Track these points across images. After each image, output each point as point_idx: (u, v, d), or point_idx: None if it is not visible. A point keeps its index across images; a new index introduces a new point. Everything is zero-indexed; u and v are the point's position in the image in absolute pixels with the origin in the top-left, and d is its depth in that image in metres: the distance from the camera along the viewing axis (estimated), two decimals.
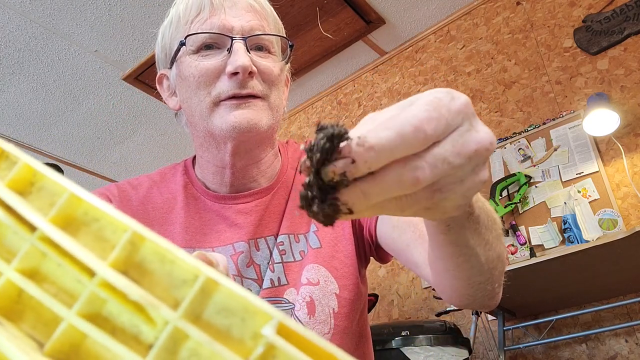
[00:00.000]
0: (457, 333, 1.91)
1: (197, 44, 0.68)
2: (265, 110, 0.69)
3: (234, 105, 0.67)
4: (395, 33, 2.99)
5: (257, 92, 0.68)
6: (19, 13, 2.66)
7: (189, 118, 0.73)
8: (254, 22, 0.69)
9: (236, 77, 0.66)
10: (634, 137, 2.11)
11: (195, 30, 0.68)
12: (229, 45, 0.67)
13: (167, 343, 0.15)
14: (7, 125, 3.44)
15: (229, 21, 0.68)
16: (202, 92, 0.68)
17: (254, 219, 0.73)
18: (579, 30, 2.38)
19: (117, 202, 0.74)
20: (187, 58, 0.69)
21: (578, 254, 1.61)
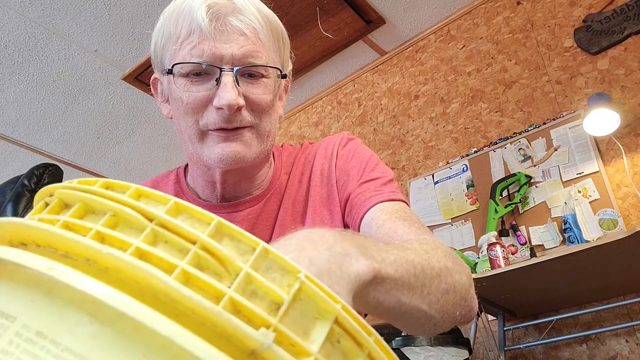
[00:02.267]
0: (457, 333, 1.91)
1: (186, 70, 0.66)
2: (254, 139, 0.69)
3: (221, 137, 0.66)
4: (395, 33, 2.99)
5: (245, 124, 0.67)
6: (19, 13, 2.66)
7: (179, 134, 0.73)
8: (246, 47, 0.66)
9: (222, 112, 0.65)
10: (634, 137, 2.11)
11: (185, 54, 0.66)
12: (218, 76, 0.65)
13: (241, 282, 0.19)
14: (7, 125, 3.44)
15: (218, 49, 0.64)
16: (190, 118, 0.67)
17: (245, 228, 0.72)
18: (580, 30, 2.38)
19: None
20: (176, 79, 0.67)
21: (578, 254, 1.60)
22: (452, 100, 2.75)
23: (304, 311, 0.19)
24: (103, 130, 3.57)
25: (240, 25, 0.66)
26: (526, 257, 2.09)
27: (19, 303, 0.18)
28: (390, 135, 2.95)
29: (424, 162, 2.74)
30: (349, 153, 0.77)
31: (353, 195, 0.71)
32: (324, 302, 0.19)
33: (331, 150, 0.78)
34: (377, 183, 0.72)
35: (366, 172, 0.74)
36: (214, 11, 0.64)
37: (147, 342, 0.16)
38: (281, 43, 0.73)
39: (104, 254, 0.19)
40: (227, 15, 0.65)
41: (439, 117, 2.77)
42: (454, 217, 2.49)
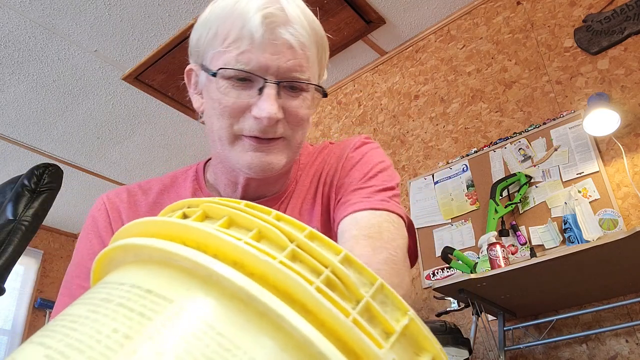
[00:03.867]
0: (458, 333, 1.91)
1: (230, 74, 0.65)
2: (285, 150, 0.69)
3: (253, 146, 0.66)
4: (395, 33, 2.99)
5: (279, 135, 0.67)
6: (19, 13, 2.66)
7: (209, 132, 0.72)
8: (292, 61, 0.65)
9: (260, 122, 0.65)
10: (634, 137, 2.11)
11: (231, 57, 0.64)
12: (261, 86, 0.65)
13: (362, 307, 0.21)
14: (6, 125, 3.44)
15: (266, 60, 0.64)
16: (225, 121, 0.67)
17: None
18: (580, 30, 2.38)
19: (125, 208, 0.75)
20: (217, 80, 0.66)
21: (578, 254, 1.60)
22: (452, 100, 2.75)
23: (408, 345, 0.21)
24: (103, 130, 3.57)
25: (290, 38, 0.65)
26: (526, 257, 2.09)
27: (176, 288, 0.21)
28: (390, 135, 2.95)
29: (424, 162, 2.74)
30: (358, 156, 0.76)
31: (343, 200, 0.71)
32: (426, 341, 0.22)
33: (344, 151, 0.78)
34: (371, 189, 0.70)
35: (366, 177, 0.73)
36: (269, 22, 0.64)
37: (286, 340, 0.19)
38: (323, 53, 0.73)
39: (255, 258, 0.21)
40: (279, 26, 0.64)
41: (439, 117, 2.77)
42: (454, 217, 2.49)
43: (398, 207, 0.70)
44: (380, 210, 0.67)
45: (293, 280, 0.20)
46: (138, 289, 0.21)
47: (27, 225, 1.40)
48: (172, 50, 2.91)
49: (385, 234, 0.64)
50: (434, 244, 2.50)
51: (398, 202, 0.71)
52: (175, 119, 3.50)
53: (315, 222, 0.73)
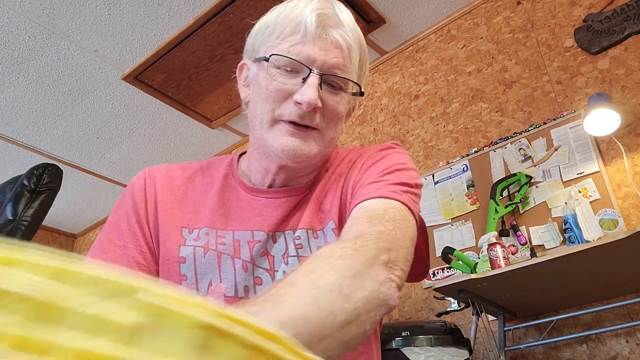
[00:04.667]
0: (458, 333, 1.90)
1: (280, 63, 0.72)
2: (318, 142, 0.74)
3: (289, 131, 0.72)
4: (395, 32, 2.98)
5: (314, 125, 0.73)
6: (19, 13, 2.66)
7: (252, 118, 0.78)
8: (337, 60, 0.72)
9: (300, 107, 0.71)
10: (634, 137, 2.11)
11: (283, 49, 0.72)
12: (306, 75, 0.71)
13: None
14: (6, 125, 3.44)
15: (314, 53, 0.71)
16: (268, 105, 0.73)
17: (280, 213, 0.77)
18: (580, 30, 2.38)
19: (162, 179, 0.82)
20: (267, 68, 0.73)
21: (579, 254, 1.60)
22: (453, 100, 2.75)
23: None
24: (103, 130, 3.57)
25: (338, 39, 0.73)
26: (526, 257, 2.09)
27: None
28: (390, 135, 2.95)
29: (424, 162, 2.74)
30: (380, 155, 0.80)
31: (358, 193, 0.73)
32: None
33: (369, 151, 0.82)
34: (385, 182, 0.72)
35: (383, 172, 0.74)
36: (322, 20, 0.72)
37: None
38: (365, 65, 0.81)
39: None
40: (331, 27, 0.73)
41: (439, 117, 2.77)
42: (454, 217, 2.49)
43: (410, 201, 0.70)
44: (390, 199, 0.68)
45: None
46: None
47: (26, 225, 1.39)
48: (172, 50, 2.91)
49: (388, 216, 0.65)
50: (434, 244, 2.50)
51: (414, 200, 0.72)
52: (175, 119, 3.50)
53: (333, 216, 0.75)
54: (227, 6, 2.64)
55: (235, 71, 0.83)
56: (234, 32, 2.77)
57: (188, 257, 0.73)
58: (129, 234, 0.76)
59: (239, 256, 0.73)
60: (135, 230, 0.76)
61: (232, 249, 0.73)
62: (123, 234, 0.76)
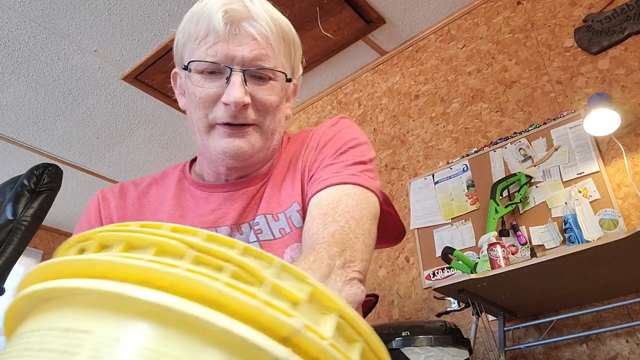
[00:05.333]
0: (458, 333, 1.90)
1: (201, 68, 0.72)
2: (257, 136, 0.74)
3: (226, 132, 0.72)
4: (395, 32, 2.98)
5: (249, 121, 0.72)
6: (19, 13, 2.66)
7: (190, 125, 0.78)
8: (257, 51, 0.71)
9: (229, 107, 0.70)
10: (634, 137, 2.11)
11: (201, 54, 0.71)
12: (228, 75, 0.71)
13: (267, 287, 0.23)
14: (6, 125, 3.44)
15: (230, 51, 0.70)
16: (200, 111, 0.73)
17: (240, 205, 0.76)
18: (580, 30, 2.38)
19: (116, 198, 0.82)
20: (192, 75, 0.73)
21: (579, 254, 1.60)
22: (453, 100, 2.75)
23: (314, 309, 0.23)
24: (103, 130, 3.57)
25: (252, 31, 0.71)
26: (526, 257, 2.09)
27: (93, 320, 0.21)
28: (390, 135, 2.95)
29: (424, 162, 2.74)
30: (332, 133, 0.79)
31: (315, 176, 0.74)
32: (330, 301, 0.23)
33: (320, 129, 0.82)
34: (341, 164, 0.72)
35: (337, 152, 0.75)
36: (230, 16, 0.70)
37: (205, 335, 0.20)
38: (292, 49, 0.79)
39: (161, 273, 0.21)
40: (242, 20, 0.71)
41: (439, 117, 2.77)
42: (454, 217, 2.49)
43: (367, 180, 0.71)
44: (345, 184, 0.69)
45: (199, 282, 0.21)
46: (55, 330, 0.21)
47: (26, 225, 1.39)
48: (172, 50, 2.91)
49: (341, 208, 0.66)
50: (434, 244, 2.50)
51: (370, 177, 0.72)
52: (175, 118, 3.50)
53: (296, 198, 0.75)
54: None
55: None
56: None
57: None
58: None
59: None
60: None
61: None
62: None
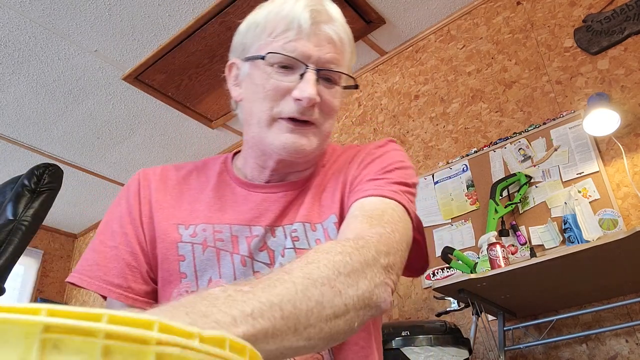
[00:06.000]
0: (458, 333, 1.91)
1: (275, 60, 0.73)
2: (316, 137, 0.75)
3: (289, 127, 0.73)
4: (395, 33, 2.99)
5: (313, 120, 0.74)
6: (19, 13, 2.66)
7: (247, 117, 0.79)
8: (331, 55, 0.74)
9: (300, 103, 0.71)
10: (634, 137, 2.11)
11: (277, 47, 0.73)
12: (303, 72, 0.72)
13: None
14: (7, 125, 3.44)
15: (309, 49, 0.72)
16: (266, 104, 0.73)
17: (278, 208, 0.77)
18: (580, 30, 2.38)
19: (157, 180, 0.82)
20: (262, 66, 0.74)
21: (578, 254, 1.60)
22: (452, 100, 2.75)
23: None
24: (103, 130, 3.57)
25: (331, 34, 0.74)
26: (526, 257, 2.09)
27: None
28: (390, 135, 2.95)
29: (424, 162, 2.74)
30: (379, 152, 0.80)
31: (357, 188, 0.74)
32: None
33: (367, 148, 0.83)
34: (385, 181, 0.73)
35: (383, 170, 0.76)
36: (315, 17, 0.73)
37: None
38: (353, 56, 0.81)
39: None
40: (324, 23, 0.74)
41: (439, 117, 2.77)
42: (454, 217, 2.49)
43: (408, 202, 0.72)
44: (389, 199, 0.70)
45: None
46: None
47: (27, 225, 1.39)
48: (172, 50, 2.91)
49: (386, 217, 0.66)
50: (434, 244, 2.50)
51: (411, 200, 0.74)
52: (175, 119, 3.50)
53: (334, 210, 0.76)
54: (227, 6, 2.64)
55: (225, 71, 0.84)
56: (234, 32, 2.77)
57: (187, 255, 0.73)
58: (120, 235, 0.76)
59: (237, 252, 0.73)
60: (127, 232, 0.77)
61: (230, 244, 0.73)
62: (115, 234, 0.77)
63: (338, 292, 0.51)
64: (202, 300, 0.42)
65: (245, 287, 0.45)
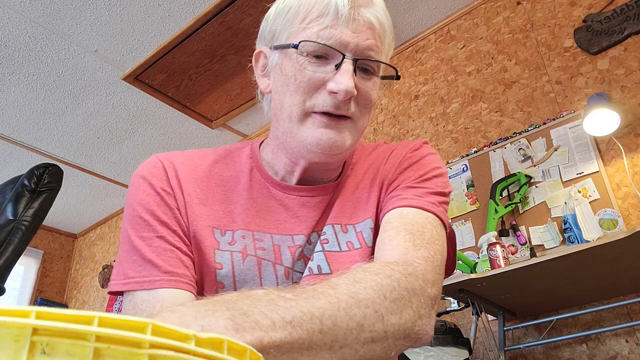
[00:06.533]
0: (458, 333, 1.91)
1: (309, 49, 0.66)
2: (352, 132, 0.69)
3: (323, 122, 0.67)
4: (395, 33, 2.98)
5: (349, 115, 0.68)
6: (19, 13, 2.66)
7: (276, 110, 0.72)
8: (370, 41, 0.67)
9: (335, 96, 0.65)
10: (634, 137, 2.11)
11: (312, 34, 0.66)
12: (339, 62, 0.66)
13: None
14: (7, 125, 3.44)
15: (346, 36, 0.65)
16: (298, 96, 0.67)
17: (317, 214, 0.72)
18: (580, 30, 2.38)
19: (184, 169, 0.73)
20: (294, 55, 0.67)
21: (578, 254, 1.60)
22: (452, 100, 2.75)
23: None
24: (103, 130, 3.57)
25: (371, 18, 0.67)
26: (526, 257, 2.09)
27: None
28: (390, 135, 2.95)
29: None
30: (416, 157, 0.76)
31: (394, 194, 0.71)
32: None
33: (403, 151, 0.78)
34: (424, 190, 0.70)
35: (421, 178, 0.72)
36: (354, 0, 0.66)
37: None
38: (392, 45, 0.75)
39: None
40: (363, 6, 0.67)
41: (439, 117, 2.77)
42: (454, 217, 2.49)
43: (444, 214, 0.70)
44: (428, 212, 0.67)
45: None
46: None
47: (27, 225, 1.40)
48: (172, 50, 2.91)
49: (427, 235, 0.64)
50: None
51: (445, 210, 0.71)
52: (175, 119, 3.50)
53: (370, 214, 0.72)
54: (227, 6, 2.64)
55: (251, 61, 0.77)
56: (234, 32, 2.78)
57: (225, 264, 0.66)
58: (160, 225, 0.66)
59: (281, 262, 0.68)
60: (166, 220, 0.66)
61: (273, 254, 0.68)
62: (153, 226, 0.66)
63: (381, 317, 0.49)
64: (244, 299, 0.42)
65: (288, 294, 0.44)
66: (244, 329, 0.38)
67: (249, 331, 0.38)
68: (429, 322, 0.55)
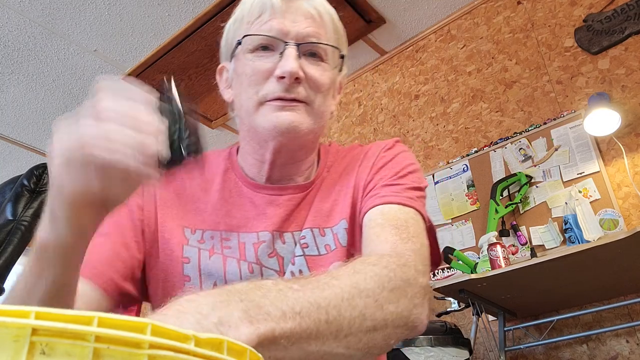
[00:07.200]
0: (458, 333, 1.90)
1: (254, 44, 0.71)
2: (308, 115, 0.71)
3: (277, 106, 0.70)
4: (395, 32, 2.98)
5: (301, 97, 0.70)
6: (18, 12, 2.66)
7: (238, 112, 0.76)
8: (311, 29, 0.71)
9: (283, 80, 0.69)
10: (634, 137, 2.11)
11: (254, 31, 0.71)
12: (282, 49, 0.70)
13: None
14: (6, 125, 3.44)
15: (286, 26, 0.70)
16: (251, 90, 0.71)
17: (283, 212, 0.75)
18: (580, 30, 2.38)
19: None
20: (243, 56, 0.72)
21: (579, 254, 1.60)
22: (453, 100, 2.75)
23: None
24: None
25: (308, 8, 0.72)
26: (527, 257, 2.09)
27: None
28: (390, 135, 2.95)
29: (425, 162, 2.74)
30: (390, 156, 0.79)
31: (372, 193, 0.73)
32: None
33: (376, 151, 0.81)
34: (401, 187, 0.73)
35: (397, 175, 0.75)
36: None
37: None
38: (342, 40, 0.78)
39: None
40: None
41: (439, 117, 2.77)
42: (455, 217, 2.49)
43: (423, 208, 0.72)
44: (408, 207, 0.70)
45: None
46: None
47: (26, 225, 1.39)
48: (172, 50, 2.91)
49: (412, 229, 0.67)
50: None
51: (423, 205, 0.73)
52: None
53: (344, 215, 0.75)
54: (227, 6, 2.64)
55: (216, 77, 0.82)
56: None
57: (192, 258, 0.71)
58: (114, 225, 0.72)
59: (245, 258, 0.72)
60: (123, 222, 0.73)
61: (238, 252, 0.72)
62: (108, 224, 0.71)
63: (380, 306, 0.51)
64: (255, 290, 0.43)
65: (295, 285, 0.47)
66: (257, 320, 0.40)
67: (262, 322, 0.40)
68: (423, 311, 0.57)
